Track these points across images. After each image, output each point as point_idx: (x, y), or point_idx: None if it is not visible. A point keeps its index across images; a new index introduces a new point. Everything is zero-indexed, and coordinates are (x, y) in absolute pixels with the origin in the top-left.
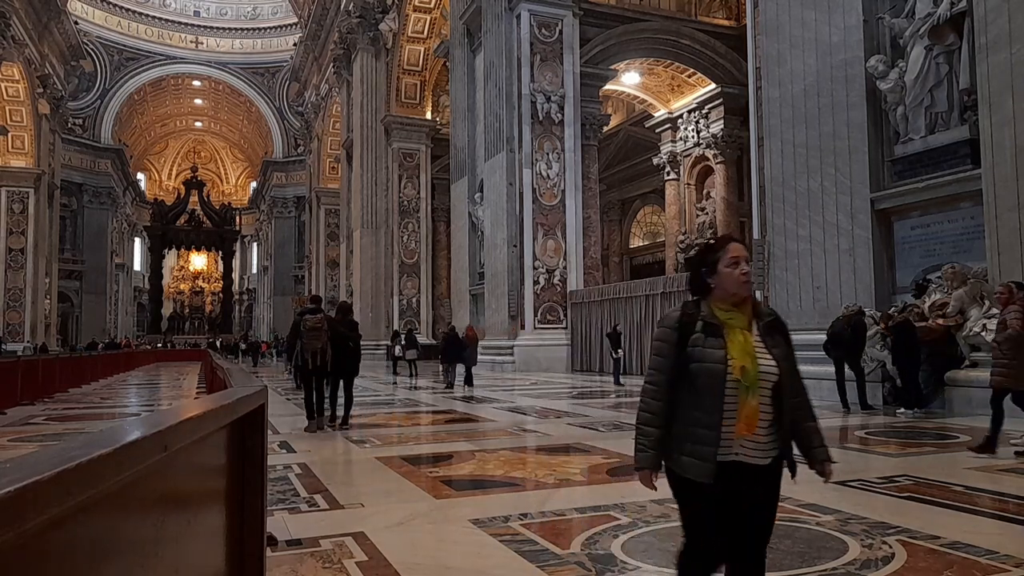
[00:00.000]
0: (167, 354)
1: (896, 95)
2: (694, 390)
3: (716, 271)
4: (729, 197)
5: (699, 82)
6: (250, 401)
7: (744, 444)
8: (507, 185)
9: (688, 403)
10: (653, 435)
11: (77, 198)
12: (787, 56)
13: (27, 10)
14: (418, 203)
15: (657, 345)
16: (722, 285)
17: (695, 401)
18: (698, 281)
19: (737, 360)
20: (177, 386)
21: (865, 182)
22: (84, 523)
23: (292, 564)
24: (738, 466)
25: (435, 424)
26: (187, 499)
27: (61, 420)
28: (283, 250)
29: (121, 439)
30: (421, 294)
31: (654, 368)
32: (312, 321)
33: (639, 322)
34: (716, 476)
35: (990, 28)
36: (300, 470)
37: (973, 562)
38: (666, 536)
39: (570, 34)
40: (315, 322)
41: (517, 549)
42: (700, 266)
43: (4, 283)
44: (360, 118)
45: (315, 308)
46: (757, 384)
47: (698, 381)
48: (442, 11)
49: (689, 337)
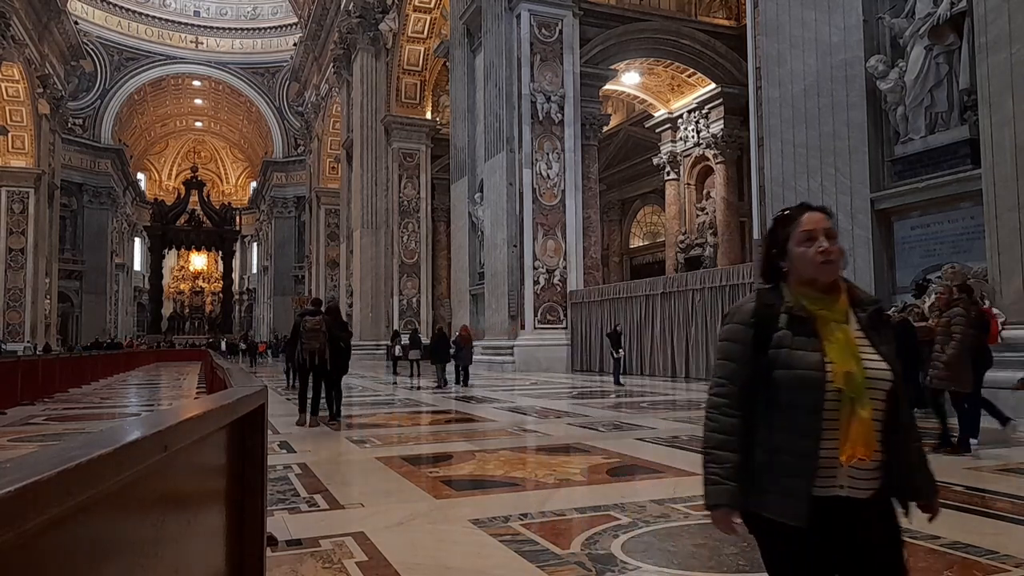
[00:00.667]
0: (167, 354)
1: (896, 95)
2: (780, 404)
3: (787, 251)
4: (729, 197)
5: (699, 82)
6: (250, 401)
7: (852, 474)
8: (507, 185)
9: (772, 421)
10: (729, 462)
11: (77, 198)
12: (787, 56)
13: (27, 10)
14: (418, 203)
15: (725, 347)
16: (797, 270)
17: (782, 419)
18: (769, 267)
19: (838, 364)
20: (177, 386)
21: (865, 182)
22: (84, 523)
23: (292, 564)
24: (842, 503)
25: (435, 424)
26: (187, 499)
27: (61, 420)
28: (283, 250)
29: (121, 439)
30: (421, 294)
31: (723, 377)
32: (312, 323)
33: (639, 322)
34: (813, 517)
35: (990, 28)
36: (300, 470)
37: (973, 562)
38: (666, 536)
39: (570, 34)
40: (314, 324)
41: (517, 549)
42: (770, 247)
43: (4, 283)
44: (360, 118)
45: (315, 310)
46: (865, 394)
47: (786, 393)
48: (442, 11)
49: (770, 335)
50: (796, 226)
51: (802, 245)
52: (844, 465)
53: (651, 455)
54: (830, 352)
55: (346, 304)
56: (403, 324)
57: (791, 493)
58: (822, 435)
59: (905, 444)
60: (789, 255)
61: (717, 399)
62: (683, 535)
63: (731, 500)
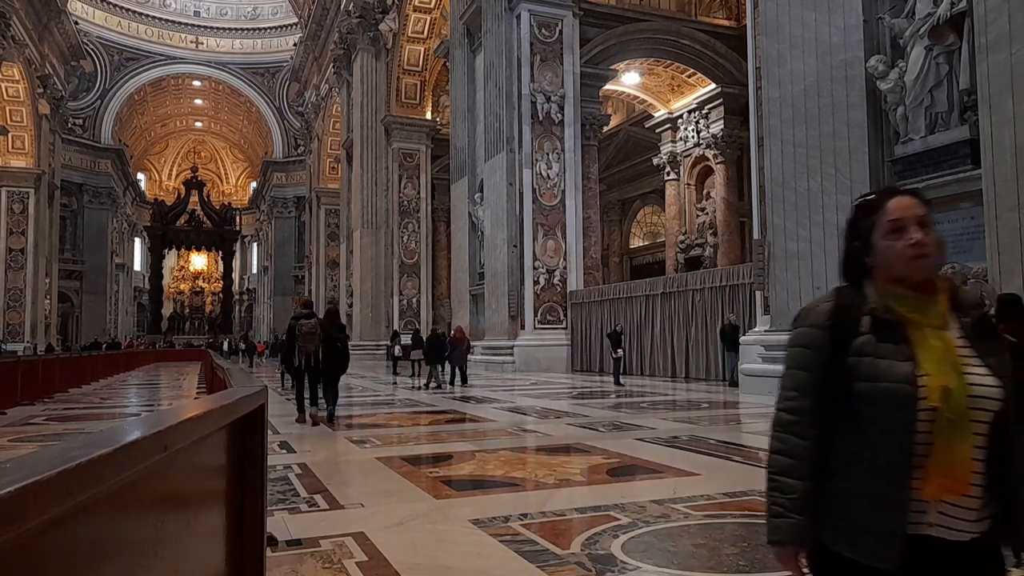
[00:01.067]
0: (166, 354)
1: (896, 95)
2: (862, 424)
3: (871, 245)
4: (729, 197)
5: (699, 82)
6: (250, 401)
7: (945, 511)
8: (507, 185)
9: (852, 444)
10: (797, 492)
11: (77, 198)
12: (787, 56)
13: (27, 10)
14: (418, 203)
15: (796, 354)
16: (884, 266)
17: (865, 442)
18: (851, 263)
19: (934, 377)
20: (177, 386)
21: (865, 182)
22: (84, 523)
23: (292, 564)
24: (935, 545)
25: (435, 424)
26: (187, 499)
27: (61, 420)
28: (283, 250)
29: (121, 439)
30: (421, 294)
31: (793, 389)
32: (307, 326)
33: (639, 322)
34: (904, 560)
35: (990, 28)
36: (300, 470)
37: None
38: (666, 536)
39: (570, 34)
40: (310, 327)
41: (517, 549)
42: (852, 240)
43: (4, 283)
44: (360, 118)
45: (309, 313)
46: (967, 415)
47: (870, 410)
48: (442, 11)
49: (851, 341)
50: (881, 215)
51: (889, 237)
52: (931, 500)
53: (651, 455)
54: (924, 363)
55: (346, 304)
56: (403, 324)
57: (878, 530)
58: (914, 462)
59: (1018, 479)
60: (874, 249)
61: (785, 415)
62: (683, 535)
63: (797, 536)
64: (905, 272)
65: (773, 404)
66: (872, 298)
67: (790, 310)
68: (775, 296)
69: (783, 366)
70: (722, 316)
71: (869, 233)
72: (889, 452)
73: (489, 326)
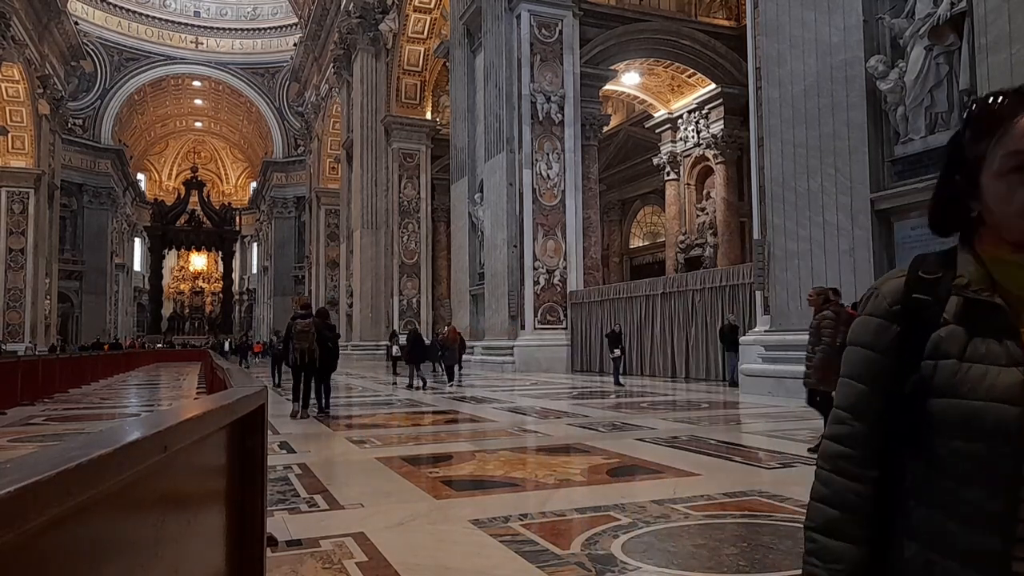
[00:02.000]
0: (166, 354)
1: (896, 95)
2: (942, 459)
3: (978, 183)
4: (729, 197)
5: (699, 82)
6: (250, 401)
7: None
8: (507, 185)
9: (932, 484)
10: (843, 560)
11: (77, 198)
12: (787, 56)
13: (27, 10)
14: (418, 203)
15: (851, 356)
16: (995, 219)
17: (947, 488)
18: (946, 209)
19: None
20: (177, 386)
21: (865, 182)
22: (84, 523)
23: (292, 564)
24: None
25: (435, 424)
26: (187, 499)
27: (61, 420)
28: (283, 250)
29: (121, 439)
30: (421, 294)
31: (845, 408)
32: (302, 325)
33: (639, 322)
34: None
35: (990, 28)
36: (300, 470)
37: None
38: (666, 536)
39: (570, 34)
40: (304, 326)
41: (517, 549)
42: (951, 170)
43: (4, 283)
44: (360, 118)
45: (305, 313)
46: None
47: (951, 439)
48: (442, 11)
49: (928, 335)
50: (1005, 138)
51: (1008, 175)
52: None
53: (651, 455)
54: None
55: (346, 304)
56: (403, 324)
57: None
58: (1020, 509)
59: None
60: (982, 191)
61: (834, 446)
62: (683, 535)
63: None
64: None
65: (773, 404)
66: (966, 270)
67: (790, 310)
68: (775, 296)
69: (840, 372)
70: (722, 316)
71: (978, 165)
72: (983, 495)
73: (489, 326)
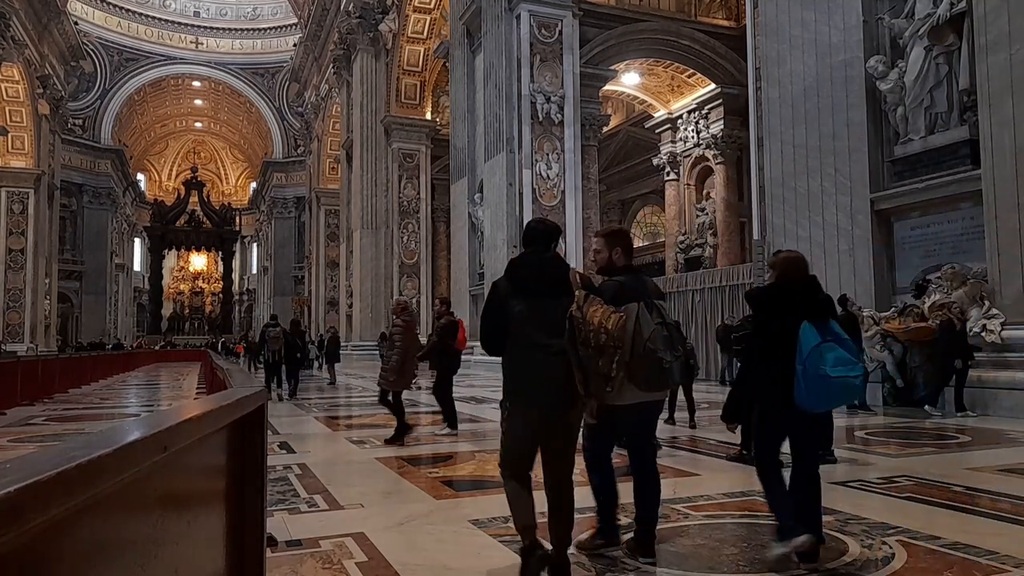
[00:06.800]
0: (166, 355)
1: (896, 95)
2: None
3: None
4: (729, 197)
5: (699, 82)
6: (250, 401)
7: None
8: (507, 186)
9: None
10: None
11: (77, 199)
12: (787, 57)
13: (27, 11)
14: (418, 203)
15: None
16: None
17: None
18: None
19: None
20: (177, 387)
21: (865, 182)
22: (84, 523)
23: (292, 565)
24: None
25: (435, 424)
26: (187, 500)
27: (61, 420)
28: (283, 250)
29: (121, 439)
30: (421, 295)
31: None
32: (273, 333)
33: None
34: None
35: (990, 28)
36: (300, 470)
37: (973, 563)
38: (666, 536)
39: (570, 34)
40: (275, 334)
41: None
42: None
43: (4, 284)
44: (360, 118)
45: (275, 324)
46: None
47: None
48: (442, 12)
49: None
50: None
51: None
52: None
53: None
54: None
55: (346, 305)
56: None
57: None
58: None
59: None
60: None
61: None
62: (683, 535)
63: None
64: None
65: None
66: None
67: None
68: None
69: None
70: (722, 316)
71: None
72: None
73: None
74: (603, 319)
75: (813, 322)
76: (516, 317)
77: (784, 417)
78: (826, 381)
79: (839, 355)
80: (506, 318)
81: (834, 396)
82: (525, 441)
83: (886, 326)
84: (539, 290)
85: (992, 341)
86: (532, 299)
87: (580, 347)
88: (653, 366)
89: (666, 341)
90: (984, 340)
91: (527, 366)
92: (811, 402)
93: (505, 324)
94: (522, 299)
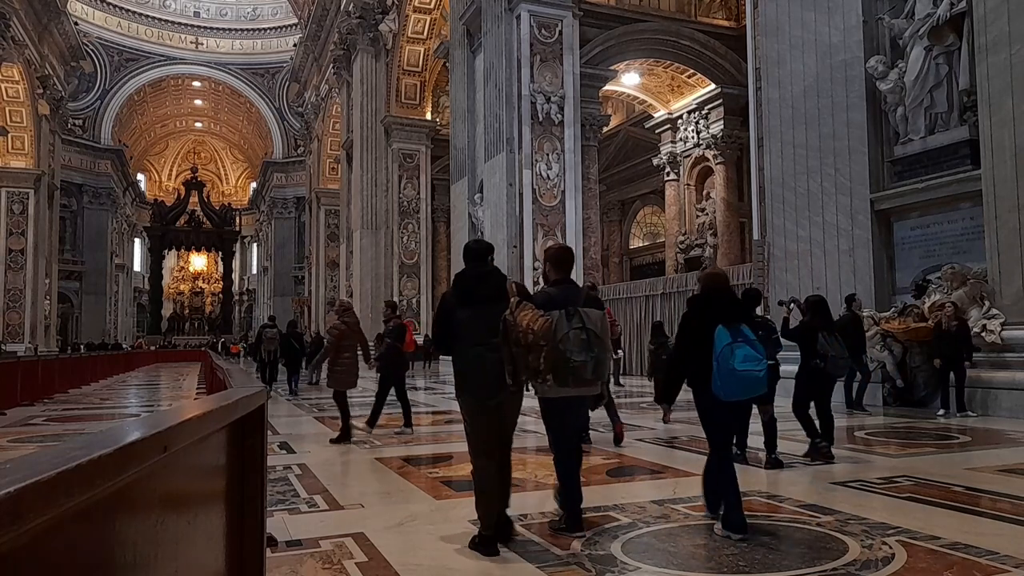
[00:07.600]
0: (165, 355)
1: (896, 96)
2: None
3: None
4: (729, 198)
5: (699, 82)
6: (250, 402)
7: None
8: (507, 186)
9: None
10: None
11: (77, 199)
12: (787, 57)
13: (27, 11)
14: (418, 204)
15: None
16: None
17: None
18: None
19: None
20: (177, 387)
21: (865, 183)
22: (84, 523)
23: (292, 565)
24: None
25: (435, 425)
26: (187, 500)
27: (61, 421)
28: (283, 251)
29: (121, 440)
30: (421, 295)
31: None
32: (270, 334)
33: (639, 322)
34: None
35: (990, 29)
36: (300, 471)
37: (973, 563)
38: (666, 536)
39: (570, 35)
40: (272, 335)
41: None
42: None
43: (4, 284)
44: (360, 119)
45: (272, 325)
46: None
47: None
48: (442, 12)
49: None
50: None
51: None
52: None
53: (651, 455)
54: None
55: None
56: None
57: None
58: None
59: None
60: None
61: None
62: (683, 535)
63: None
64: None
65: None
66: None
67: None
68: (775, 296)
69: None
70: None
71: None
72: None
73: None
74: (531, 321)
75: (727, 325)
76: (463, 321)
77: (702, 403)
78: (734, 374)
79: (747, 352)
80: (452, 323)
81: (742, 387)
82: (483, 423)
83: (886, 326)
84: (480, 298)
85: (992, 341)
86: (475, 306)
87: (512, 345)
88: (563, 364)
89: (582, 343)
90: (984, 340)
91: (472, 361)
92: (725, 392)
93: (451, 328)
94: (467, 307)
